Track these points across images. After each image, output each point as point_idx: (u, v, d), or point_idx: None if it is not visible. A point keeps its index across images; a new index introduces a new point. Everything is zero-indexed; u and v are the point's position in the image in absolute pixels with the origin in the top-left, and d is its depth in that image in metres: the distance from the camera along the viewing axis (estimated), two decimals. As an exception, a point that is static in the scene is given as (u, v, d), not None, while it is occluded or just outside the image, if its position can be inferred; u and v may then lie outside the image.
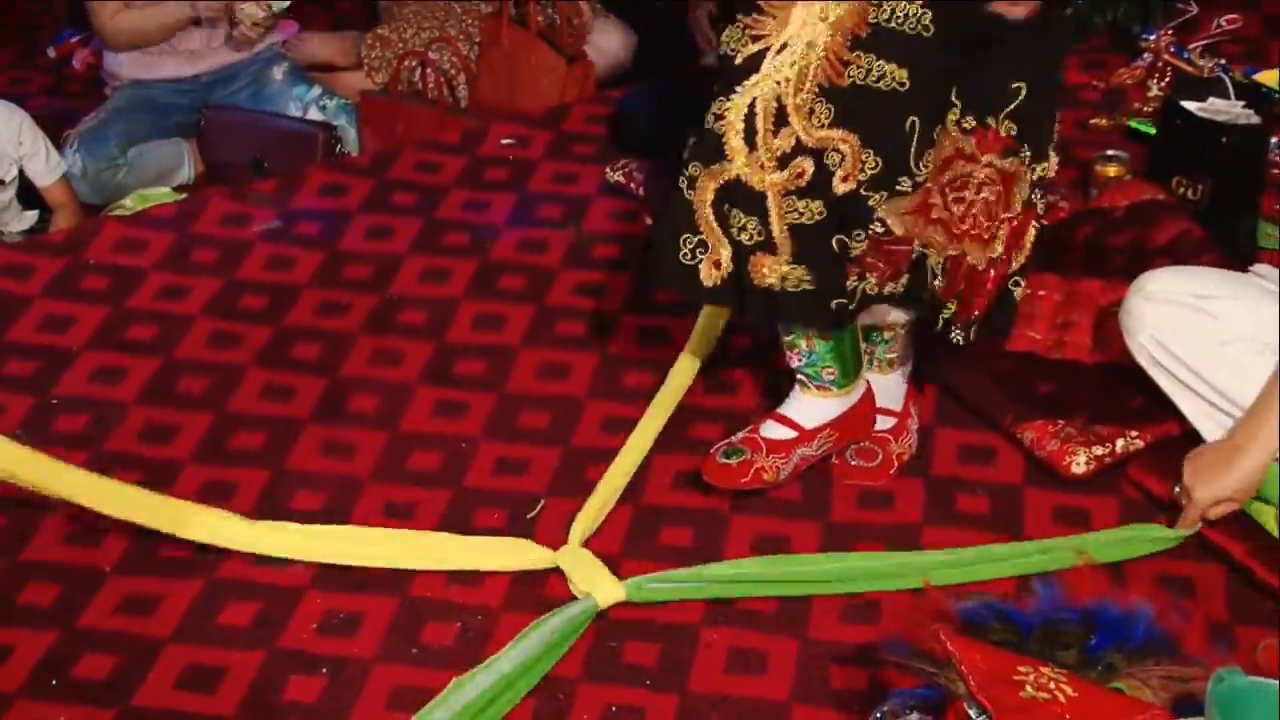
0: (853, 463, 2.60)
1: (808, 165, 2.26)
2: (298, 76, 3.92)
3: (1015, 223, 2.42)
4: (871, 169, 2.29)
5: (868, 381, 2.58)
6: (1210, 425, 2.45)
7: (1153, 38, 3.58)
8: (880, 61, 2.24)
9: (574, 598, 2.34)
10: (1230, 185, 3.04)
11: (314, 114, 3.86)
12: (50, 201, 3.49)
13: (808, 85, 2.24)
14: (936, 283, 2.41)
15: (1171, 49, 3.56)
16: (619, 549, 2.46)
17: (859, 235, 2.33)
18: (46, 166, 3.46)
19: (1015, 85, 2.35)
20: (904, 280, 2.38)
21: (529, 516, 2.51)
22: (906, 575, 2.35)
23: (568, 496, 2.52)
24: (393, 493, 2.55)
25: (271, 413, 2.74)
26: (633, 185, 3.30)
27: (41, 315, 2.97)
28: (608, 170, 3.35)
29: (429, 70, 3.85)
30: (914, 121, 2.28)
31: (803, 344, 2.49)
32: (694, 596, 2.36)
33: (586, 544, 2.43)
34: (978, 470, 2.61)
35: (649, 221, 3.21)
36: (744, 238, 2.30)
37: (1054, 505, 2.52)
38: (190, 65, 3.76)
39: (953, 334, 2.48)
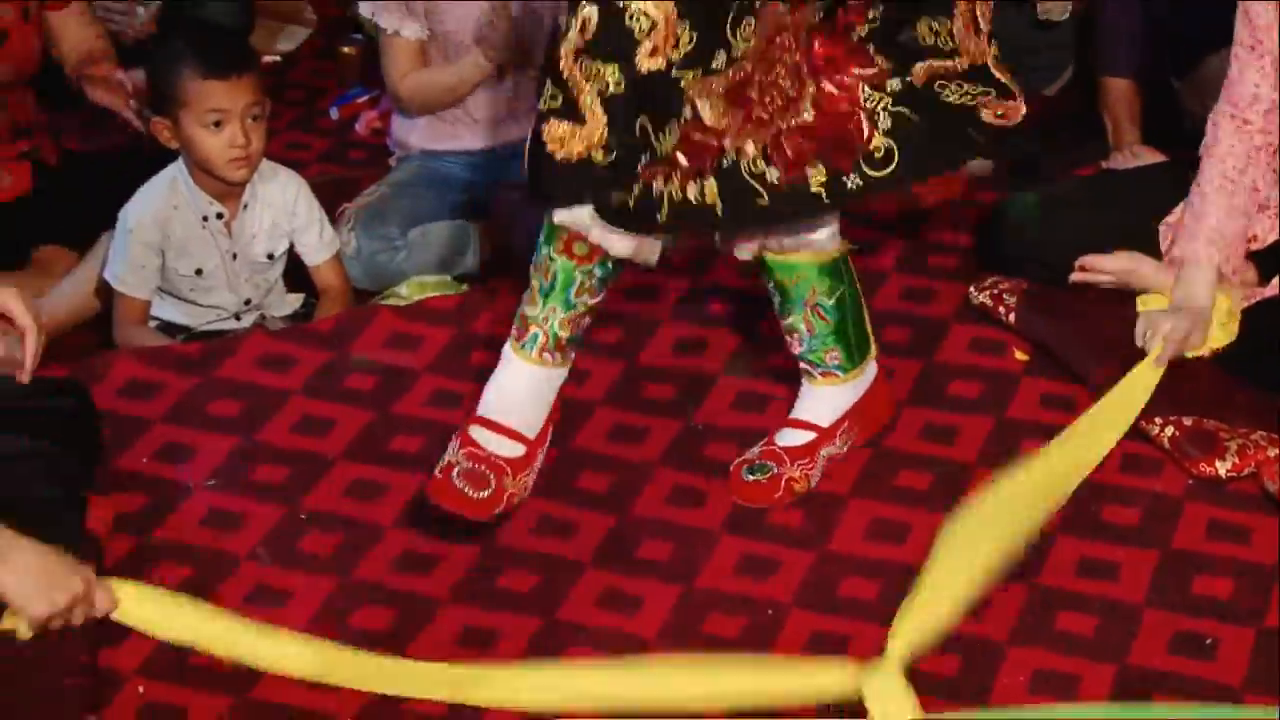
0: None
1: (592, 13, 2.43)
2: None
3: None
4: (686, 44, 2.44)
5: (877, 364, 2.88)
6: None
7: None
8: None
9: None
10: None
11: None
12: (319, 283, 3.55)
13: None
14: (771, 173, 2.53)
15: None
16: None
17: (669, 127, 2.49)
18: (320, 242, 3.51)
19: None
20: (709, 185, 2.52)
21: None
22: None
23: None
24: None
25: (548, 550, 2.83)
26: (1001, 310, 3.30)
27: (299, 416, 3.10)
28: (972, 290, 3.36)
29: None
30: None
31: (802, 327, 2.78)
32: None
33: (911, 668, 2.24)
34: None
35: (1019, 356, 3.20)
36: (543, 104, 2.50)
37: None
38: (486, 137, 3.83)
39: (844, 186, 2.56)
